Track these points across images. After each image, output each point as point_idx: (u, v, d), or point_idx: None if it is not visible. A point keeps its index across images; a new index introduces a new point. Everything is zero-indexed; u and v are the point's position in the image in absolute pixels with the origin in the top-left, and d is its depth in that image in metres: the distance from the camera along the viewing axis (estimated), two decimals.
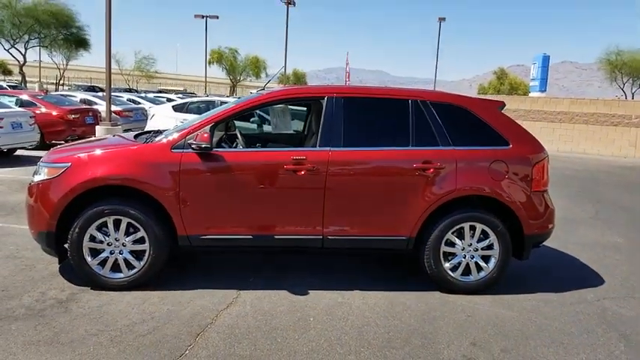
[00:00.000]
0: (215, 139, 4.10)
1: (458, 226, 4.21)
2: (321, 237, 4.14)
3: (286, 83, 42.78)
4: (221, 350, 3.18)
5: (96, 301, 3.82)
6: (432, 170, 4.13)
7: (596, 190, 10.55)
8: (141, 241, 3.99)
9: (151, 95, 23.32)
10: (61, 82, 41.92)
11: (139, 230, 3.96)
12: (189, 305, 3.81)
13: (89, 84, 40.36)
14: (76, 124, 12.44)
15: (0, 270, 4.35)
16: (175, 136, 4.06)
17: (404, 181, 4.15)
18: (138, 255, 4.02)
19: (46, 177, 3.99)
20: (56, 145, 12.68)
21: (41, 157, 4.40)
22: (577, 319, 3.95)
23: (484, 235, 4.26)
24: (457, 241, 4.25)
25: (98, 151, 4.09)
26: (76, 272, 4.04)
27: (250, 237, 4.09)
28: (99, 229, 3.95)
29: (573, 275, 4.98)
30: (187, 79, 70.16)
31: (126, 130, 12.71)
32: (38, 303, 3.74)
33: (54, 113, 12.16)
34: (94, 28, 35.69)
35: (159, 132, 4.74)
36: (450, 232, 4.21)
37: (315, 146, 4.12)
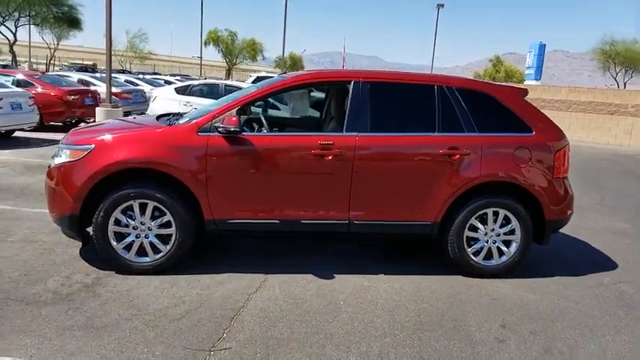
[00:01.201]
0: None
1: (481, 212, 4.24)
2: (347, 222, 4.14)
3: (283, 67, 42.41)
4: (258, 333, 3.20)
5: (123, 285, 3.81)
6: (457, 156, 4.14)
7: (599, 177, 10.66)
8: (167, 225, 3.97)
9: (148, 77, 23.00)
10: (52, 61, 41.11)
11: (165, 214, 3.93)
12: (219, 289, 3.81)
13: (81, 64, 39.64)
14: (76, 106, 12.24)
15: (19, 254, 4.30)
16: (201, 118, 4.01)
17: (430, 166, 4.15)
18: (164, 239, 4.00)
19: (68, 159, 3.93)
20: (54, 127, 12.55)
21: (43, 139, 4.35)
22: (597, 301, 4.03)
23: (506, 221, 4.30)
24: (480, 226, 4.28)
25: (122, 134, 4.03)
26: (101, 256, 4.01)
27: (277, 222, 4.08)
28: (124, 212, 3.92)
29: (587, 260, 5.05)
30: (182, 61, 69.19)
31: (126, 113, 12.56)
32: (64, 287, 3.72)
33: (52, 94, 11.94)
34: (87, 7, 35.09)
35: (179, 114, 4.69)
36: (473, 218, 4.24)
37: (342, 131, 4.11)
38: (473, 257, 4.31)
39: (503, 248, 4.34)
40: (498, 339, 3.32)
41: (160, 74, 34.10)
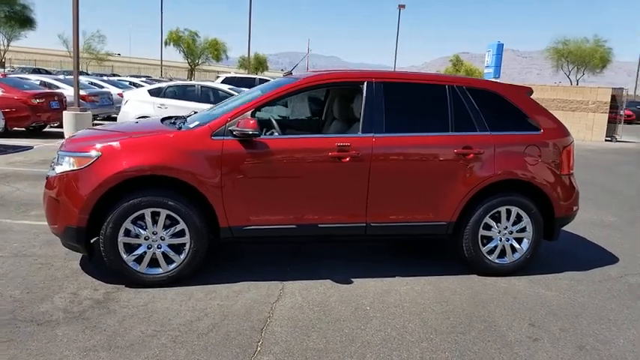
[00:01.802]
0: None
1: (495, 210, 4.26)
2: (365, 224, 4.07)
3: (247, 67, 41.84)
4: (293, 345, 3.07)
5: (137, 299, 3.60)
6: (472, 155, 4.14)
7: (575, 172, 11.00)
8: (180, 234, 3.78)
9: (113, 78, 22.16)
10: (3, 62, 39.03)
11: (177, 223, 3.75)
12: (239, 299, 3.66)
13: (33, 66, 37.85)
14: (41, 110, 11.64)
15: (15, 270, 4.00)
16: (214, 122, 3.84)
17: (445, 166, 4.13)
18: (177, 249, 3.81)
19: (72, 168, 3.68)
20: (17, 132, 11.88)
21: (7, 145, 4.07)
22: (611, 295, 4.12)
23: (518, 218, 4.34)
24: (494, 224, 4.30)
25: (131, 139, 3.81)
26: (111, 269, 3.77)
27: (294, 226, 3.96)
28: (134, 222, 3.70)
29: (588, 254, 5.17)
30: (141, 62, 67.17)
31: (94, 117, 12.05)
32: (74, 304, 3.47)
33: (16, 97, 11.31)
34: (38, 6, 33.43)
35: (183, 118, 4.50)
36: (487, 216, 4.25)
37: (357, 132, 4.03)
38: (487, 256, 4.32)
39: (516, 246, 4.38)
40: (532, 338, 3.32)
41: (119, 75, 33.03)
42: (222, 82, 18.35)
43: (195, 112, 4.95)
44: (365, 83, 4.11)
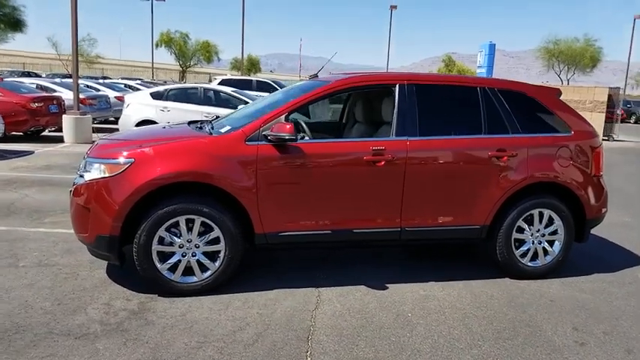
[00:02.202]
0: None
1: (528, 213, 4.23)
2: (399, 229, 4.02)
3: (240, 69, 41.54)
4: (343, 355, 3.00)
5: (174, 309, 3.51)
6: (505, 158, 4.11)
7: None
8: (215, 241, 3.70)
9: (108, 81, 21.87)
10: None
11: (212, 230, 3.66)
12: (277, 308, 3.58)
13: (22, 69, 37.30)
14: (40, 114, 11.43)
15: (40, 280, 3.89)
16: (248, 127, 3.76)
17: (479, 169, 4.10)
18: (211, 256, 3.73)
19: (103, 175, 3.58)
20: (15, 137, 11.65)
21: (6, 150, 3.96)
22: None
23: (549, 221, 4.31)
24: (526, 227, 4.27)
25: (164, 145, 3.72)
26: (144, 278, 3.68)
27: (329, 232, 3.90)
28: (168, 230, 3.61)
29: (613, 256, 5.16)
30: (132, 64, 66.52)
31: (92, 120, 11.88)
32: (110, 316, 3.37)
33: (14, 101, 11.10)
34: (29, 8, 32.85)
35: (207, 122, 4.41)
36: (520, 219, 4.22)
37: (390, 136, 3.98)
38: (520, 259, 4.29)
39: (548, 248, 4.35)
40: (578, 342, 3.29)
41: (111, 78, 32.68)
42: (218, 84, 18.25)
43: (218, 117, 4.86)
44: (397, 86, 4.05)
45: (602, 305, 3.90)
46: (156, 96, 11.66)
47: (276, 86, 20.89)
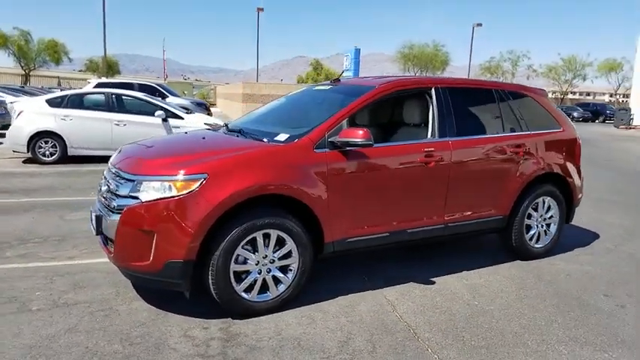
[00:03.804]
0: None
1: (535, 201, 4.78)
2: (444, 225, 4.26)
3: (96, 70, 38.01)
4: (461, 347, 3.14)
5: (263, 330, 3.29)
6: (521, 153, 4.59)
7: None
8: (288, 254, 3.55)
9: None
10: None
11: (285, 243, 3.52)
12: (358, 313, 3.57)
13: None
14: None
15: (79, 323, 3.33)
16: (313, 134, 3.66)
17: (504, 165, 4.52)
18: (284, 270, 3.57)
19: (170, 193, 3.21)
20: None
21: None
22: (628, 262, 4.91)
23: (549, 207, 4.92)
24: (534, 213, 4.83)
25: (235, 156, 3.44)
26: (221, 303, 3.38)
27: (387, 234, 3.98)
28: (243, 247, 3.38)
29: (569, 232, 5.98)
30: None
31: None
32: (203, 347, 3.05)
33: None
34: None
35: (239, 130, 4.17)
36: (530, 207, 4.76)
37: (435, 137, 4.18)
38: (529, 242, 4.83)
39: (547, 230, 4.97)
40: (619, 305, 3.86)
41: None
42: (95, 87, 16.70)
43: (226, 124, 4.58)
44: (433, 89, 4.28)
45: (605, 273, 4.59)
46: (53, 103, 10.33)
47: (162, 90, 19.77)
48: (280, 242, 3.51)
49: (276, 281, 3.54)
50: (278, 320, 3.43)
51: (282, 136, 3.73)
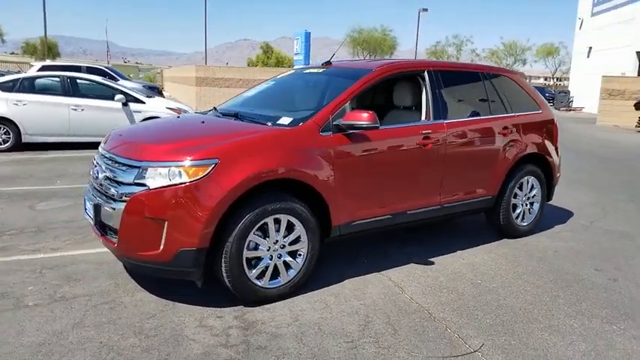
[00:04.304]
0: None
1: (521, 181, 4.95)
2: (440, 206, 4.33)
3: (33, 53, 35.63)
4: (478, 325, 3.22)
5: (280, 316, 3.25)
6: (508, 135, 4.72)
7: None
8: (297, 239, 3.50)
9: None
10: None
11: (294, 227, 3.46)
12: (370, 296, 3.58)
13: None
14: None
15: (85, 317, 3.15)
16: (318, 117, 3.59)
17: (494, 146, 4.63)
18: (293, 255, 3.52)
19: (184, 179, 3.06)
20: None
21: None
22: (607, 237, 5.19)
23: (532, 185, 5.11)
24: (519, 192, 5.00)
25: (243, 140, 3.33)
26: (234, 290, 3.29)
27: (390, 216, 4.00)
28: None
29: (553, 210, 6.20)
30: None
31: None
32: (224, 337, 2.96)
33: None
34: None
35: (235, 114, 4.04)
36: (516, 187, 4.92)
37: (430, 119, 4.22)
38: (516, 221, 5.01)
39: (531, 209, 5.16)
40: (612, 279, 4.08)
41: None
42: (39, 70, 15.77)
43: (216, 108, 4.43)
44: (426, 72, 4.31)
45: (590, 248, 4.83)
46: (5, 87, 9.66)
47: (112, 74, 18.87)
48: (289, 227, 3.45)
49: (287, 266, 3.49)
50: (291, 306, 3.39)
51: (285, 120, 3.65)
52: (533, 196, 5.14)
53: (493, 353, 2.91)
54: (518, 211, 5.02)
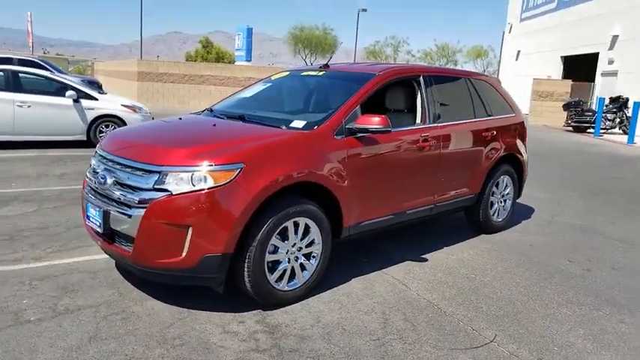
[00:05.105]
0: None
1: (498, 179, 5.28)
2: (433, 205, 4.53)
3: None
4: (489, 316, 3.43)
5: (301, 318, 3.28)
6: (489, 137, 5.02)
7: None
8: (312, 241, 3.55)
9: None
10: None
11: (310, 230, 3.51)
12: (379, 294, 3.70)
13: None
14: None
15: (99, 330, 3.03)
16: (332, 120, 3.66)
17: (479, 147, 4.91)
18: (307, 257, 3.58)
19: (207, 185, 3.02)
20: None
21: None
22: (570, 231, 5.64)
23: (506, 184, 5.46)
24: (496, 190, 5.33)
25: (266, 144, 3.32)
26: (255, 294, 3.28)
27: (392, 216, 4.14)
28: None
29: (518, 208, 6.64)
30: None
31: None
32: (252, 342, 2.96)
33: None
34: None
35: (238, 116, 4.01)
36: (494, 186, 5.24)
37: (425, 123, 4.40)
38: (493, 217, 5.33)
39: (505, 206, 5.52)
40: (585, 269, 4.46)
41: None
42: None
43: (210, 109, 4.37)
44: (421, 77, 4.49)
45: (558, 241, 5.25)
46: None
47: (47, 67, 17.73)
48: (305, 230, 3.49)
49: (302, 268, 3.53)
50: (309, 308, 3.44)
51: (299, 123, 3.68)
52: (507, 194, 5.49)
53: (507, 342, 3.12)
54: (494, 207, 5.35)
